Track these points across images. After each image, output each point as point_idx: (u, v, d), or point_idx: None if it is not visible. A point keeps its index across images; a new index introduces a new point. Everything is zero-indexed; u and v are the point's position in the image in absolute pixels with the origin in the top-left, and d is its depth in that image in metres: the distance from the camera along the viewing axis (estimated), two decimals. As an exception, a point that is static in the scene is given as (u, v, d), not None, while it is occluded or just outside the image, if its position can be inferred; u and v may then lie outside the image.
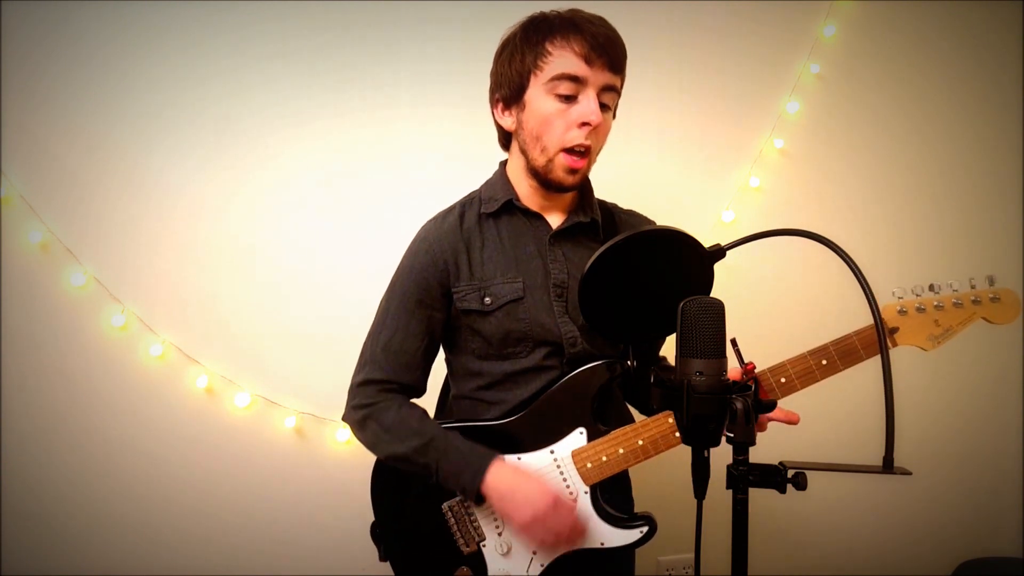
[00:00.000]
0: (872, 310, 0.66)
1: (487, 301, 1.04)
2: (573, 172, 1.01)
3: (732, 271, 1.69)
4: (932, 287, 1.02)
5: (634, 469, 1.08)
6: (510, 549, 1.04)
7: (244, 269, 1.54)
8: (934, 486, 1.86)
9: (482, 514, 1.05)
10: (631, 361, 1.05)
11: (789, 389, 1.02)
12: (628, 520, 1.04)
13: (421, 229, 1.11)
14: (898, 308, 1.02)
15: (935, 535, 1.88)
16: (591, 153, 1.02)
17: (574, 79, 0.97)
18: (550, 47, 0.98)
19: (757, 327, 1.64)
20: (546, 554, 1.02)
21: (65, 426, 1.48)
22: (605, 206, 1.16)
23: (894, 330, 1.02)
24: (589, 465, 1.03)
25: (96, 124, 1.46)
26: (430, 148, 1.59)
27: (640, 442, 1.03)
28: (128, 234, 1.49)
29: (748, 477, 0.67)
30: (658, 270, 0.78)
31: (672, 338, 0.71)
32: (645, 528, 1.03)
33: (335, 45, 1.54)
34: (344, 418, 1.11)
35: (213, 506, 1.55)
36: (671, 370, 0.70)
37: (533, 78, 1.00)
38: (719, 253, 0.78)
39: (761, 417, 0.98)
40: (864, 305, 0.66)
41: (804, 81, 1.73)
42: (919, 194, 1.82)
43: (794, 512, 1.82)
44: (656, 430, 1.03)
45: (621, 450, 1.03)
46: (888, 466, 0.64)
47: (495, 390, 1.08)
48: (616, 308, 0.82)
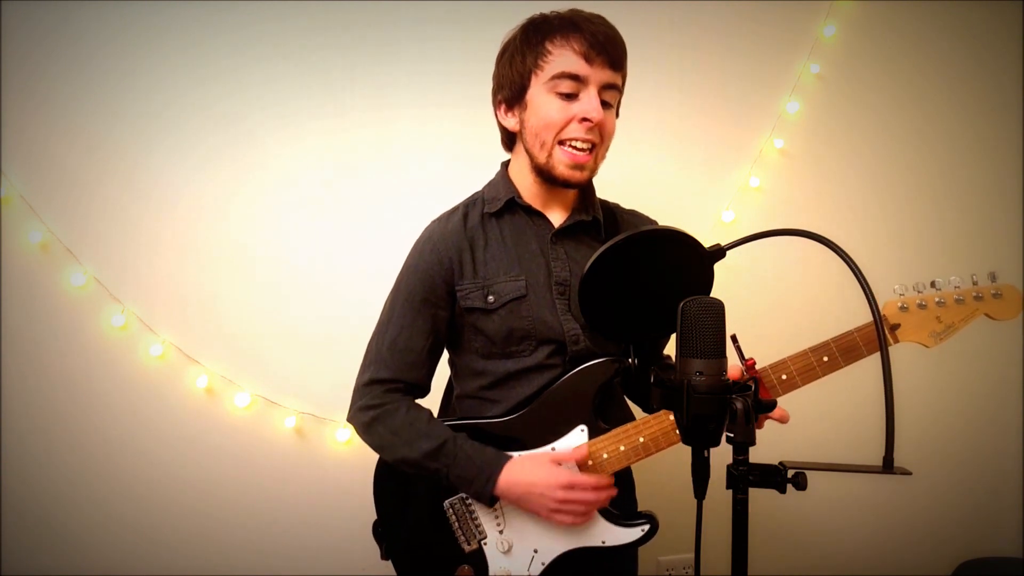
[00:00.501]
0: (872, 310, 0.66)
1: (490, 299, 1.05)
2: (577, 168, 1.01)
3: (732, 271, 1.69)
4: (934, 283, 1.02)
5: (634, 469, 1.08)
6: (511, 547, 1.04)
7: (244, 269, 1.54)
8: (934, 486, 1.86)
9: (483, 512, 1.05)
10: (632, 359, 1.06)
11: (790, 386, 1.02)
12: (629, 518, 1.04)
13: (425, 229, 1.12)
14: (900, 304, 1.02)
15: (935, 535, 1.88)
16: (597, 150, 1.02)
17: (575, 77, 0.98)
18: (550, 46, 0.99)
19: (757, 327, 1.63)
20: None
21: (65, 426, 1.48)
22: (607, 205, 1.17)
23: (896, 326, 1.02)
24: (590, 462, 1.03)
25: (96, 124, 1.46)
26: (430, 148, 1.59)
27: (641, 439, 1.03)
28: (128, 234, 1.49)
29: (748, 477, 0.67)
30: (658, 270, 0.78)
31: (674, 337, 0.71)
32: (647, 526, 1.03)
33: (335, 45, 1.54)
34: (349, 419, 1.10)
35: (213, 506, 1.55)
36: (672, 369, 0.70)
37: (534, 78, 1.01)
38: (719, 253, 0.78)
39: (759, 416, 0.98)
40: (864, 306, 0.66)
41: (804, 81, 1.73)
42: (919, 194, 1.82)
43: (794, 512, 1.82)
44: (657, 427, 1.03)
45: (622, 447, 1.03)
46: (888, 466, 0.63)
47: (499, 389, 1.08)
48: (616, 308, 0.82)
